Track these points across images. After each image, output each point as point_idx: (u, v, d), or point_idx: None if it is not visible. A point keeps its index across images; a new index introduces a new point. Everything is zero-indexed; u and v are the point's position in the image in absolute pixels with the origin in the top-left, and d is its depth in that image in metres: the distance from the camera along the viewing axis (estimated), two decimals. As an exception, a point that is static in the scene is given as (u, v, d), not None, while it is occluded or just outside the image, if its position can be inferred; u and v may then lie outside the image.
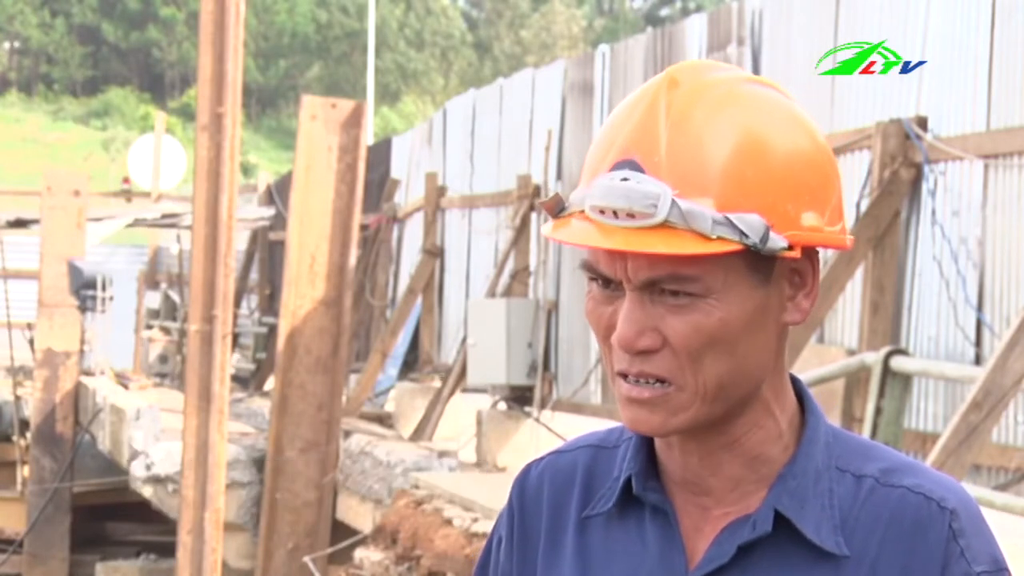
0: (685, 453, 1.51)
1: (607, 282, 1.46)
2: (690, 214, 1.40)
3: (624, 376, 1.47)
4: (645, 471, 1.54)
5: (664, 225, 1.40)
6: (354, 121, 12.51)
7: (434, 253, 14.61)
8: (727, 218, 1.40)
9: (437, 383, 12.39)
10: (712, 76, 1.47)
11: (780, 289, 1.47)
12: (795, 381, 1.56)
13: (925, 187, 8.30)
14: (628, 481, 1.55)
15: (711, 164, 1.42)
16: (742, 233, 1.41)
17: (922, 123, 8.29)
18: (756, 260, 1.44)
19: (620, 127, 1.46)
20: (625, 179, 1.41)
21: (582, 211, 1.45)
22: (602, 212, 1.42)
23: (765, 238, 1.41)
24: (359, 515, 11.39)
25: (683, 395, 1.45)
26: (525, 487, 1.64)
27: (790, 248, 1.43)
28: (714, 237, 1.40)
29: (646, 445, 1.55)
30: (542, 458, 1.66)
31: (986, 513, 1.55)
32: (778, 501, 1.48)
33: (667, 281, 1.43)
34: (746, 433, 1.50)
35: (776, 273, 1.46)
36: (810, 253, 1.48)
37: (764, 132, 1.44)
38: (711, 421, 1.47)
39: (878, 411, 6.69)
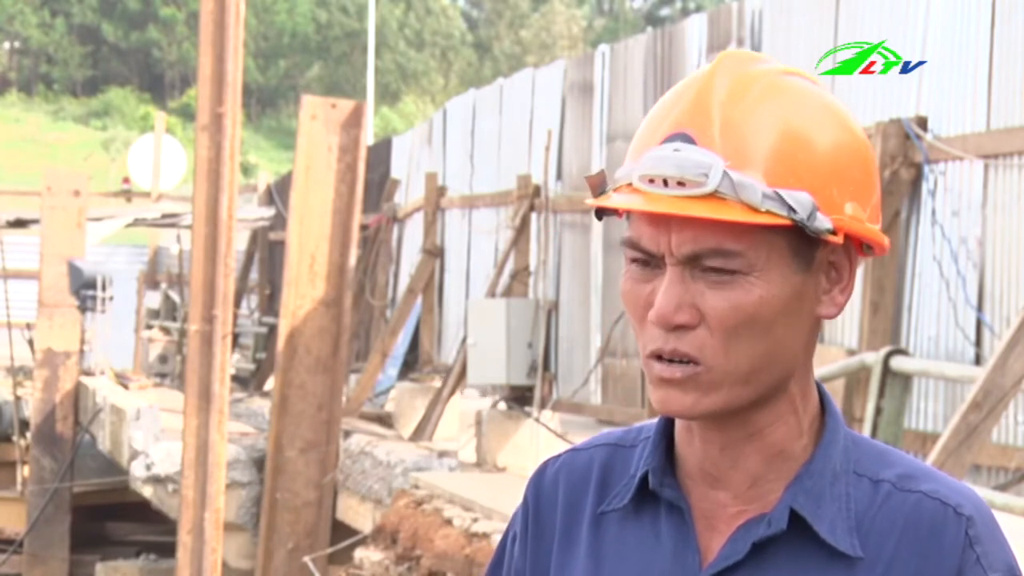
0: (707, 443, 1.51)
1: (647, 260, 1.47)
2: (741, 185, 1.42)
3: (658, 357, 1.47)
4: (662, 467, 1.54)
5: (713, 195, 1.42)
6: (354, 121, 12.51)
7: (434, 253, 14.61)
8: (777, 193, 1.42)
9: (437, 383, 12.39)
10: (760, 66, 1.50)
11: (817, 281, 1.49)
12: (817, 384, 1.56)
13: (925, 187, 8.31)
14: (645, 477, 1.55)
15: (762, 142, 1.44)
16: (791, 208, 1.42)
17: (922, 123, 8.29)
18: (799, 244, 1.45)
19: (671, 107, 1.48)
20: (677, 150, 1.43)
21: (628, 184, 1.46)
22: (651, 181, 1.44)
23: (812, 216, 1.43)
24: (359, 515, 11.40)
25: (714, 375, 1.45)
26: (541, 484, 1.64)
27: (834, 233, 1.45)
28: (763, 210, 1.42)
29: (664, 441, 1.56)
30: (559, 456, 1.66)
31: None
32: (794, 500, 1.49)
33: (710, 256, 1.44)
34: (770, 425, 1.50)
35: (816, 263, 1.48)
36: (848, 248, 1.50)
37: (811, 121, 1.47)
38: (739, 406, 1.47)
39: (878, 411, 6.69)
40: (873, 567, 1.48)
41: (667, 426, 1.56)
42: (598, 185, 1.50)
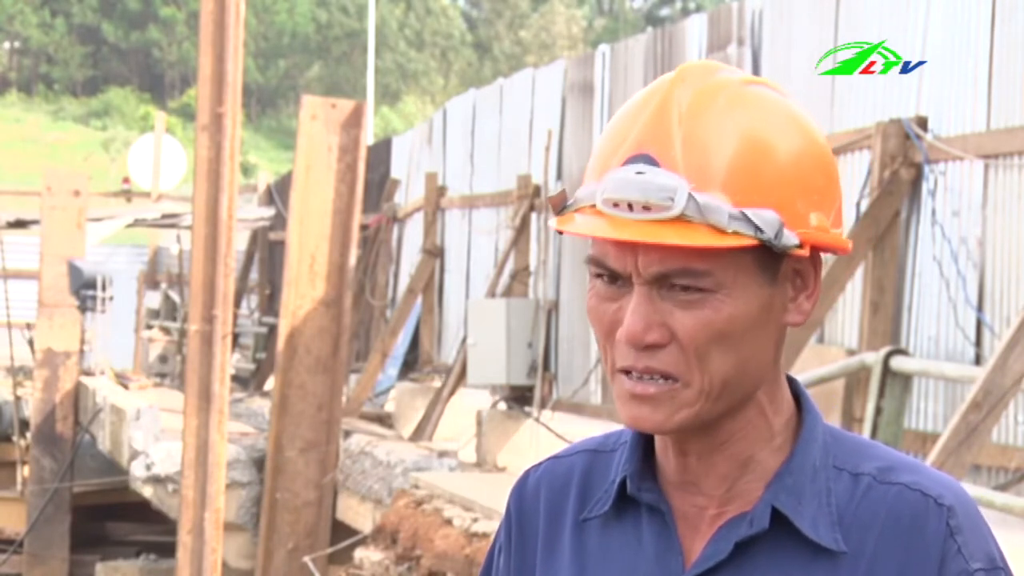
0: (680, 454, 1.52)
1: (613, 278, 1.46)
2: (707, 208, 1.41)
3: (627, 373, 1.46)
4: (640, 472, 1.54)
5: (679, 219, 1.41)
6: (354, 121, 12.51)
7: (434, 253, 14.61)
8: (743, 213, 1.42)
9: (437, 383, 12.39)
10: (720, 77, 1.48)
11: (784, 291, 1.49)
12: (792, 382, 1.56)
13: (925, 187, 8.31)
14: (624, 483, 1.55)
15: (725, 159, 1.43)
16: (757, 228, 1.42)
17: (922, 123, 8.29)
18: (765, 258, 1.45)
19: (631, 124, 1.46)
20: (640, 172, 1.42)
21: (592, 206, 1.45)
22: (616, 205, 1.42)
23: (779, 234, 1.43)
24: (359, 515, 11.39)
25: (688, 392, 1.45)
26: (523, 494, 1.64)
27: (800, 246, 1.45)
28: (729, 231, 1.41)
29: (642, 446, 1.56)
30: (539, 464, 1.66)
31: (986, 513, 1.55)
32: (775, 498, 1.49)
33: (678, 275, 1.43)
34: (738, 433, 1.50)
35: (781, 273, 1.47)
36: (813, 255, 1.49)
37: (773, 132, 1.46)
38: (709, 420, 1.47)
39: (878, 411, 6.68)
40: (857, 561, 1.48)
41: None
42: (559, 204, 1.48)
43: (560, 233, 1.51)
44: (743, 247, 1.42)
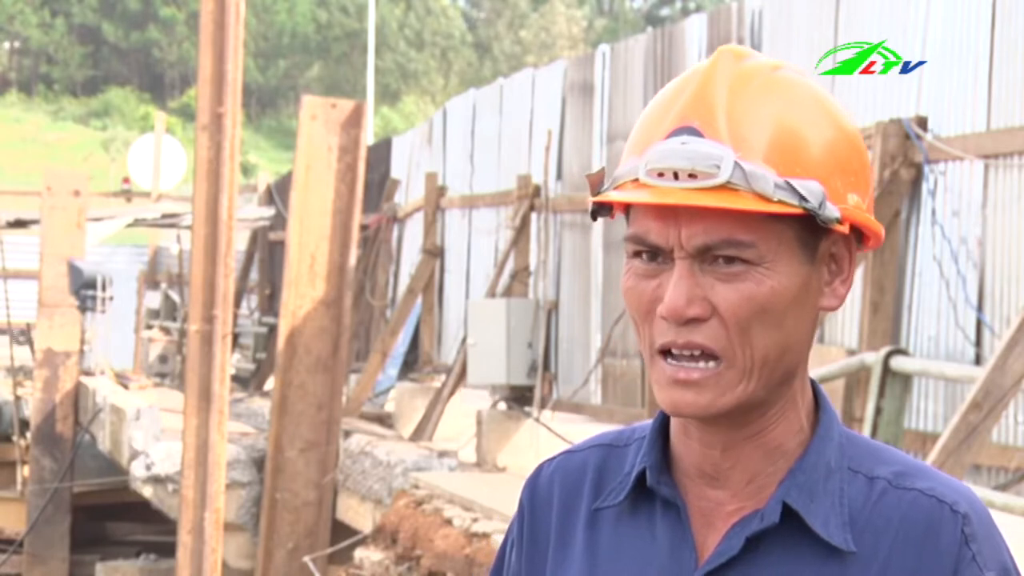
0: (707, 445, 1.51)
1: (653, 255, 1.47)
2: (753, 176, 1.42)
3: (666, 353, 1.47)
4: (659, 465, 1.54)
5: (725, 186, 1.42)
6: (354, 121, 12.51)
7: (434, 253, 14.60)
8: (788, 182, 1.43)
9: (437, 383, 12.39)
10: (758, 60, 1.51)
11: (820, 272, 1.50)
12: (811, 379, 1.57)
13: (925, 187, 8.31)
14: (641, 475, 1.55)
15: (768, 134, 1.45)
16: (802, 197, 1.43)
17: (922, 123, 8.29)
18: (805, 235, 1.46)
19: (673, 100, 1.48)
20: (685, 143, 1.43)
21: (634, 180, 1.46)
22: (661, 175, 1.43)
23: (823, 205, 1.44)
24: (359, 515, 11.39)
25: (732, 372, 1.45)
26: (536, 487, 1.64)
27: (841, 222, 1.46)
28: (775, 200, 1.42)
29: (660, 439, 1.56)
30: (553, 458, 1.66)
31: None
32: (787, 494, 1.49)
33: (722, 247, 1.44)
34: (772, 423, 1.50)
35: (819, 255, 1.49)
36: (848, 240, 1.51)
37: (812, 113, 1.48)
38: (750, 405, 1.47)
39: (878, 411, 6.68)
40: (868, 564, 1.48)
41: (663, 424, 1.56)
42: (598, 183, 1.50)
43: (594, 217, 1.52)
44: (788, 215, 1.43)
